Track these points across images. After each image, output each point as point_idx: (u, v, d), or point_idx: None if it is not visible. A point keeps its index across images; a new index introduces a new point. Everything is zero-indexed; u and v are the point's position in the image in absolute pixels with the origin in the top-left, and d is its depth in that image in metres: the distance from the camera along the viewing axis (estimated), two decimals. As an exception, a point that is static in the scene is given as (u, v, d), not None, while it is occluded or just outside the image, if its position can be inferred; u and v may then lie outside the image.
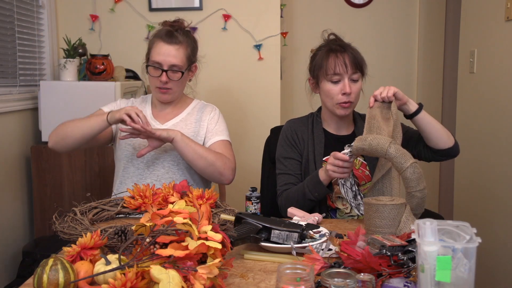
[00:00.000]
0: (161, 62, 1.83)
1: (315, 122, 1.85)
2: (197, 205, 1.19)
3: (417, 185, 1.40)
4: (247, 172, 2.87)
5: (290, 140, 1.82)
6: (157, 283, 0.94)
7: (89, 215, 1.48)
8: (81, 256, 1.12)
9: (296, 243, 1.27)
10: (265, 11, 2.98)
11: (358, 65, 1.74)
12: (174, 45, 1.84)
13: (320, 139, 1.80)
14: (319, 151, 1.78)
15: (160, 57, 1.83)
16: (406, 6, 3.59)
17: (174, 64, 1.84)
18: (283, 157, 1.82)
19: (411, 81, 3.65)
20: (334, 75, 1.71)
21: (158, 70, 1.84)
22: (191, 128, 1.94)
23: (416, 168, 1.39)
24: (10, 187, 2.50)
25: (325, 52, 1.75)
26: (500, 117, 2.38)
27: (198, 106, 2.02)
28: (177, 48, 1.85)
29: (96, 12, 2.99)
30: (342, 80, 1.72)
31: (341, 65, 1.71)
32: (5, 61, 2.52)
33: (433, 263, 0.90)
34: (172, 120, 1.96)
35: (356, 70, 1.73)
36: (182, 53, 1.86)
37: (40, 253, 2.30)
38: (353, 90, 1.73)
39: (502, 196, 2.37)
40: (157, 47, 1.85)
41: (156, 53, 1.85)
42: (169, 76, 1.85)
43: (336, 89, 1.73)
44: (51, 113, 2.55)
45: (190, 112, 1.99)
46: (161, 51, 1.84)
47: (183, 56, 1.86)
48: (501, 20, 2.35)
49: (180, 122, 1.96)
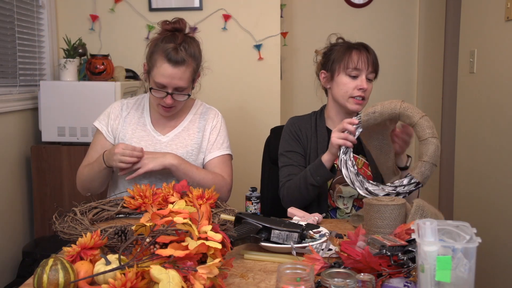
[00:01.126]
0: (166, 85, 1.72)
1: (318, 120, 1.85)
2: (197, 205, 1.19)
3: (433, 132, 1.45)
4: (247, 172, 2.86)
5: (294, 134, 1.82)
6: (157, 283, 0.94)
7: (89, 215, 1.48)
8: (81, 256, 1.12)
9: (296, 243, 1.27)
10: (265, 11, 2.98)
11: (376, 65, 1.79)
12: (180, 67, 1.71)
13: (324, 137, 1.80)
14: (322, 149, 1.77)
15: (165, 80, 1.71)
16: (406, 6, 3.59)
17: (179, 86, 1.74)
18: (287, 150, 1.81)
19: (411, 81, 3.65)
20: (354, 70, 1.75)
21: (162, 92, 1.74)
22: (194, 139, 1.85)
23: (429, 118, 1.47)
24: (10, 187, 2.50)
25: (346, 48, 1.79)
26: (500, 117, 2.38)
27: (200, 111, 1.92)
28: (183, 70, 1.72)
29: (96, 12, 2.99)
30: (360, 76, 1.75)
31: (363, 61, 1.75)
32: (5, 61, 2.52)
33: (433, 263, 0.90)
34: (174, 130, 1.86)
35: (374, 70, 1.78)
36: (188, 74, 1.74)
37: (40, 253, 2.30)
38: (368, 88, 1.76)
39: (502, 196, 2.37)
40: (162, 69, 1.71)
41: (160, 74, 1.71)
42: (174, 97, 1.75)
43: (353, 83, 1.75)
44: (51, 113, 2.55)
45: (192, 119, 1.89)
46: (166, 74, 1.71)
47: (189, 76, 1.75)
48: (501, 20, 2.35)
49: (182, 132, 1.86)
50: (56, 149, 2.57)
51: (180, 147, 1.83)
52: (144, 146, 1.80)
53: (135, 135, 1.84)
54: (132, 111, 1.89)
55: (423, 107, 3.63)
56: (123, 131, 1.85)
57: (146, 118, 1.88)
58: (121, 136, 1.85)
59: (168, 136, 1.85)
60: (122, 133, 1.85)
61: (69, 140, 2.57)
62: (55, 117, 2.55)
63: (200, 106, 1.94)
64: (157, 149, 1.82)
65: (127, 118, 1.87)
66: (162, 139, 1.84)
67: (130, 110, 1.89)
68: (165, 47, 1.72)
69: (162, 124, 1.87)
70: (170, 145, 1.83)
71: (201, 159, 1.86)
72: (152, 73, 1.75)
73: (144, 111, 1.89)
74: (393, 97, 3.62)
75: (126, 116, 1.87)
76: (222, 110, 2.05)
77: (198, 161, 1.86)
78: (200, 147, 1.86)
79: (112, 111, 1.89)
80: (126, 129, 1.85)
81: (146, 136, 1.84)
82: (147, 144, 1.82)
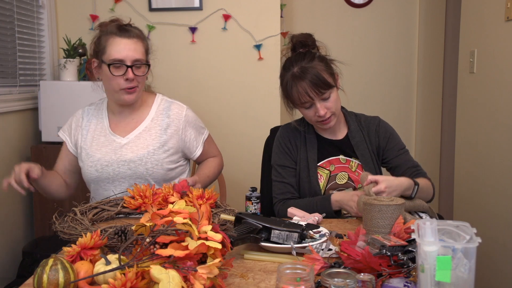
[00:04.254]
0: (123, 59, 1.70)
1: (307, 127, 1.84)
2: (197, 205, 1.19)
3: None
4: (247, 172, 2.87)
5: (284, 147, 1.82)
6: (157, 283, 0.94)
7: (89, 215, 1.48)
8: (81, 256, 1.12)
9: (296, 243, 1.27)
10: (265, 11, 2.98)
11: (323, 85, 1.65)
12: (132, 39, 1.72)
13: (313, 145, 1.80)
14: (312, 157, 1.78)
15: (122, 53, 1.69)
16: (406, 6, 3.59)
17: (137, 58, 1.72)
18: (278, 164, 1.83)
19: (411, 81, 3.65)
20: (304, 103, 1.68)
21: (122, 68, 1.70)
22: (156, 139, 1.81)
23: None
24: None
25: (289, 80, 1.68)
26: (500, 117, 2.38)
27: (162, 107, 1.87)
28: (135, 41, 1.73)
29: (96, 12, 2.99)
30: (313, 104, 1.68)
31: (305, 94, 1.65)
32: (5, 61, 2.52)
33: (433, 263, 0.90)
34: (134, 132, 1.82)
35: (323, 91, 1.65)
36: (141, 46, 1.75)
37: (40, 253, 2.30)
38: (328, 106, 1.68)
39: (502, 196, 2.37)
40: (115, 44, 1.70)
41: (114, 50, 1.69)
42: (134, 71, 1.71)
43: (310, 112, 1.70)
44: (51, 113, 2.55)
45: (154, 118, 1.85)
46: (121, 46, 1.70)
47: (142, 49, 1.75)
48: (501, 20, 2.35)
49: (143, 132, 1.82)
50: (56, 149, 2.53)
51: (141, 147, 1.80)
52: (105, 151, 1.79)
53: (95, 142, 1.83)
54: (92, 118, 1.88)
55: (423, 107, 3.63)
56: (83, 139, 1.85)
57: (104, 122, 1.86)
58: (82, 145, 1.84)
59: (128, 138, 1.82)
60: (82, 141, 1.85)
61: (69, 140, 2.57)
62: (55, 117, 2.55)
63: (161, 101, 1.90)
64: (117, 152, 1.79)
65: (86, 126, 1.86)
66: (122, 141, 1.81)
67: (91, 117, 1.88)
68: (111, 26, 1.75)
69: (121, 127, 1.84)
70: (131, 146, 1.80)
71: (169, 155, 1.82)
72: (105, 56, 1.72)
73: (103, 116, 1.87)
74: (393, 96, 3.64)
75: (86, 124, 1.87)
76: (222, 110, 2.05)
77: (162, 157, 1.80)
78: (165, 145, 1.81)
79: (73, 120, 1.90)
80: (85, 138, 1.84)
81: (106, 141, 1.82)
82: (107, 150, 1.80)
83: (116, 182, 1.79)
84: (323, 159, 1.79)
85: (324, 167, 1.78)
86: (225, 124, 3.00)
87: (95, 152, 1.80)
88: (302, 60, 1.68)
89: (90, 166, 1.80)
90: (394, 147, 1.81)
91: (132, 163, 1.77)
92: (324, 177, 1.77)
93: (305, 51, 1.72)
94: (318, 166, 1.78)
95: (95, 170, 1.79)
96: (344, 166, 1.78)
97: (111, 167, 1.78)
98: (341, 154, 1.80)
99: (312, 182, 1.75)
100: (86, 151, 1.82)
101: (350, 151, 1.80)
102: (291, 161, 1.81)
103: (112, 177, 1.78)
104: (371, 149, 1.80)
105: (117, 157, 1.78)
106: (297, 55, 1.72)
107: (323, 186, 1.76)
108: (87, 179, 1.84)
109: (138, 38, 1.75)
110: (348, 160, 1.79)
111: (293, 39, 1.76)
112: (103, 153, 1.80)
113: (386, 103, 3.64)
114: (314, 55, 1.71)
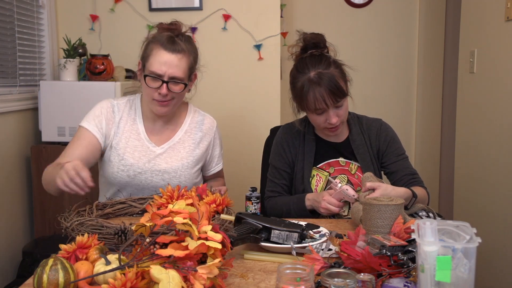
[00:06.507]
0: (162, 74, 1.66)
1: (307, 128, 1.82)
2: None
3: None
4: (247, 172, 2.87)
5: (280, 149, 1.83)
6: (157, 283, 0.94)
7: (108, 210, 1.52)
8: (76, 254, 1.12)
9: (296, 243, 1.27)
10: (265, 11, 2.98)
11: (340, 93, 1.64)
12: (176, 54, 1.66)
13: (311, 148, 1.79)
14: (308, 160, 1.78)
15: (161, 67, 1.65)
16: (406, 6, 3.59)
17: (175, 76, 1.67)
18: (273, 165, 1.85)
19: (411, 81, 3.65)
20: (317, 109, 1.66)
21: (158, 81, 1.67)
22: (190, 152, 1.81)
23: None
24: (10, 187, 2.50)
25: (305, 84, 1.64)
26: (500, 117, 2.38)
27: (196, 120, 1.86)
28: (179, 57, 1.67)
29: (96, 12, 2.99)
30: (326, 111, 1.66)
31: (322, 101, 1.62)
32: (5, 61, 2.52)
33: (433, 263, 0.90)
34: (169, 142, 1.80)
35: (339, 99, 1.65)
36: (184, 63, 1.68)
37: (40, 253, 2.30)
38: (340, 114, 1.68)
39: (502, 196, 2.37)
40: (158, 56, 1.66)
41: (156, 62, 1.66)
42: (169, 88, 1.67)
43: (321, 118, 1.68)
44: (51, 113, 2.55)
45: (188, 130, 1.83)
46: (162, 60, 1.65)
47: (185, 67, 1.69)
48: (501, 20, 2.35)
49: (177, 144, 1.81)
50: (56, 149, 2.56)
51: (175, 160, 1.78)
52: (138, 157, 1.75)
53: (129, 145, 1.76)
54: (123, 115, 1.79)
55: (423, 107, 3.63)
56: (116, 138, 1.76)
57: (139, 125, 1.79)
58: (113, 144, 1.75)
59: (163, 147, 1.79)
60: (115, 141, 1.76)
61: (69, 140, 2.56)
62: (55, 117, 2.55)
63: (194, 113, 1.88)
64: (151, 161, 1.76)
65: (120, 123, 1.77)
66: (157, 151, 1.78)
67: (122, 114, 1.79)
68: (162, 36, 1.70)
69: (157, 134, 1.80)
70: (165, 157, 1.78)
71: (198, 168, 1.85)
72: (147, 65, 1.69)
73: (137, 117, 1.80)
74: (393, 96, 3.64)
75: (120, 120, 1.78)
76: (222, 110, 2.05)
77: (193, 170, 1.82)
78: (199, 160, 1.84)
79: (102, 112, 1.77)
80: (119, 137, 1.76)
81: (140, 147, 1.77)
82: (141, 155, 1.76)
83: (145, 190, 1.75)
84: (323, 161, 1.79)
85: (324, 169, 1.78)
86: (225, 124, 2.99)
87: (128, 156, 1.74)
88: (318, 64, 1.65)
89: (122, 170, 1.74)
90: (394, 152, 1.79)
91: (166, 174, 1.76)
92: (323, 179, 1.77)
93: (319, 54, 1.69)
94: (318, 168, 1.78)
95: (126, 175, 1.74)
96: (344, 169, 1.78)
97: (144, 175, 1.75)
98: (340, 157, 1.79)
99: (305, 184, 1.76)
100: (117, 152, 1.75)
101: (350, 154, 1.79)
102: (284, 164, 1.81)
103: (143, 185, 1.75)
104: (371, 152, 1.79)
105: (151, 165, 1.75)
106: (312, 57, 1.68)
107: (321, 189, 1.76)
108: (114, 181, 1.76)
109: (183, 53, 1.68)
110: (347, 162, 1.78)
111: (306, 39, 1.72)
112: (136, 159, 1.75)
113: (386, 103, 3.64)
114: (330, 60, 1.68)
